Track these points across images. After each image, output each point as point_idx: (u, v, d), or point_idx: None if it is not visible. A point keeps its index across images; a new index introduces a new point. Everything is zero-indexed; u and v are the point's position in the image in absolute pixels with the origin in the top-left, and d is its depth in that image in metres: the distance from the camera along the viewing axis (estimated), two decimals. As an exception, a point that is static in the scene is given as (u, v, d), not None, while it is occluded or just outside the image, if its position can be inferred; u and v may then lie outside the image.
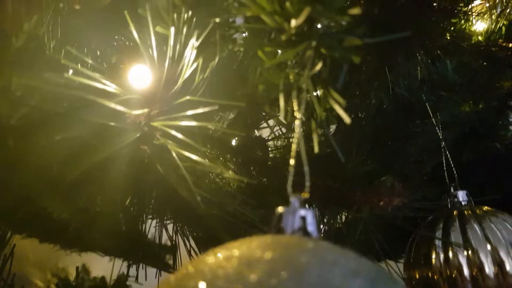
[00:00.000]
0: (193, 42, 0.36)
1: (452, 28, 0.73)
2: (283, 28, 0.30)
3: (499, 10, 0.66)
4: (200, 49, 0.37)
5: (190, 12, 0.37)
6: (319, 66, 0.31)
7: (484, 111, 0.75)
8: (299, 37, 0.30)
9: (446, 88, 0.49)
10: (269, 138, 0.58)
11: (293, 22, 0.28)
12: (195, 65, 0.38)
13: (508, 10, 0.65)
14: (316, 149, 0.29)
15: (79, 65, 0.37)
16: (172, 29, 0.37)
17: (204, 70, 0.38)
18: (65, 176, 0.37)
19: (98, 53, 0.45)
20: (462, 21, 0.73)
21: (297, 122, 0.31)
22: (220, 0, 0.38)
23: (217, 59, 0.36)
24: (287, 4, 0.28)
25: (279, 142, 0.60)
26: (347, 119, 0.31)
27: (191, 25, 0.38)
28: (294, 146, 0.29)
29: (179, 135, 0.37)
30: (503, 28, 0.70)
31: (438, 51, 0.72)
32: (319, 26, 0.29)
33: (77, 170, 0.36)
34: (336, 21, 0.28)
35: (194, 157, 0.37)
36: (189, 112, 0.37)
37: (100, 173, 0.39)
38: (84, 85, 0.36)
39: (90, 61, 0.38)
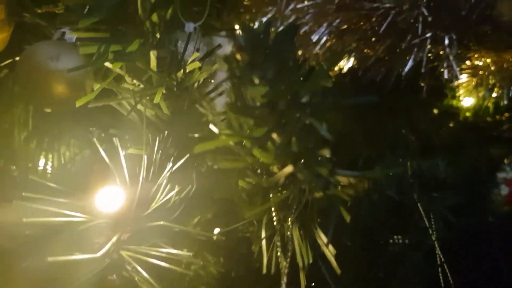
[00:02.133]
0: (169, 167, 0.33)
1: (439, 104, 0.73)
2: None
3: (485, 90, 0.66)
4: (176, 172, 0.34)
5: (166, 132, 0.35)
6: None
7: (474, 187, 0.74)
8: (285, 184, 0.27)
9: (438, 188, 0.47)
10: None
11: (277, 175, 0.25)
12: (170, 186, 0.35)
13: (494, 90, 0.65)
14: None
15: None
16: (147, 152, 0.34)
17: (180, 192, 0.35)
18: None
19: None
20: (450, 97, 0.72)
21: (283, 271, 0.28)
22: (199, 116, 0.35)
23: (194, 185, 0.33)
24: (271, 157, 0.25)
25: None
26: (337, 269, 0.28)
27: (166, 144, 0.35)
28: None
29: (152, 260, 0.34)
30: (490, 106, 0.69)
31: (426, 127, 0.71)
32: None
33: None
34: (318, 173, 0.25)
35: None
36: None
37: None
38: (50, 214, 0.33)
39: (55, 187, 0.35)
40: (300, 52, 0.63)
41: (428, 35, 0.53)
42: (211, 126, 0.28)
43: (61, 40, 0.46)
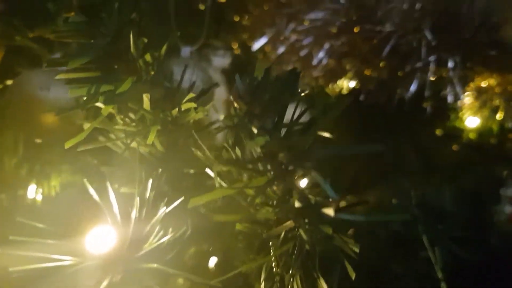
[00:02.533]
0: (163, 208, 0.31)
1: (443, 125, 0.71)
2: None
3: (489, 111, 0.64)
4: (170, 212, 0.32)
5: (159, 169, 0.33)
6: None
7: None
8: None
9: (443, 220, 0.46)
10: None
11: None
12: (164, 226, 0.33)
13: (499, 111, 0.64)
14: None
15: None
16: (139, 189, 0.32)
17: (175, 233, 0.33)
18: None
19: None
20: (453, 118, 0.71)
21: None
22: (192, 155, 0.33)
23: (189, 228, 0.31)
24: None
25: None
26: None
27: (160, 182, 0.33)
28: None
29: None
30: (495, 127, 0.68)
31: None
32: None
33: None
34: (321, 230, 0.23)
35: None
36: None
37: None
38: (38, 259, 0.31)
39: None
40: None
41: (432, 58, 0.51)
42: (207, 170, 0.27)
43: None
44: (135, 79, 0.28)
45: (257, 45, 0.57)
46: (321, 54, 0.53)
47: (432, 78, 0.53)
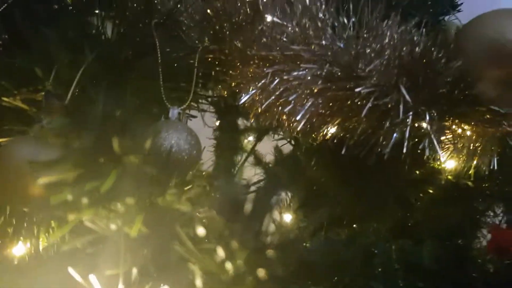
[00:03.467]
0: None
1: (421, 167, 0.73)
2: None
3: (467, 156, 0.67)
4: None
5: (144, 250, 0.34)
6: None
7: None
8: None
9: (423, 278, 0.47)
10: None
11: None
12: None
13: (475, 158, 0.66)
14: None
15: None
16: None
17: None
18: None
19: None
20: (431, 160, 0.73)
21: None
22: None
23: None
24: None
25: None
26: None
27: (146, 262, 0.34)
28: None
29: None
30: (472, 171, 0.70)
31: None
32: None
33: None
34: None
35: None
36: None
37: None
38: None
39: None
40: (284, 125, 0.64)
41: (410, 114, 0.54)
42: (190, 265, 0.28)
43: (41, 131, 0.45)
44: (120, 171, 0.29)
45: (243, 98, 0.59)
46: (303, 110, 0.54)
47: (409, 131, 0.55)
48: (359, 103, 0.53)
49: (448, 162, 0.74)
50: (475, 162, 0.66)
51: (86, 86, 0.52)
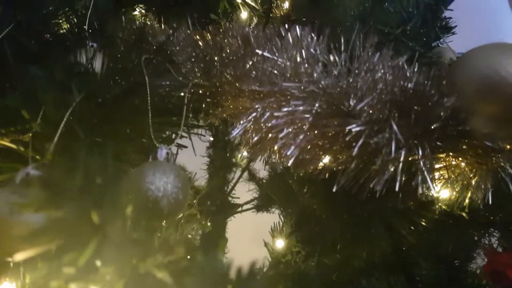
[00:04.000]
0: None
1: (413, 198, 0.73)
2: None
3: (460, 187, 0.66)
4: None
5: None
6: None
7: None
8: None
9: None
10: None
11: None
12: None
13: (470, 189, 0.65)
14: None
15: None
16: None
17: None
18: None
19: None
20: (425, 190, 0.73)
21: None
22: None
23: None
24: None
25: None
26: None
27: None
28: None
29: None
30: (466, 202, 0.69)
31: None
32: None
33: None
34: None
35: None
36: None
37: None
38: None
39: None
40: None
41: (402, 150, 0.53)
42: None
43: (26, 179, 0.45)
44: (100, 239, 0.28)
45: (234, 132, 0.58)
46: (294, 146, 0.54)
47: (401, 166, 0.54)
48: (351, 139, 0.52)
49: (442, 192, 0.74)
50: (469, 194, 0.65)
51: (74, 125, 0.51)
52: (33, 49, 0.61)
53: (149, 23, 0.67)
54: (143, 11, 1.05)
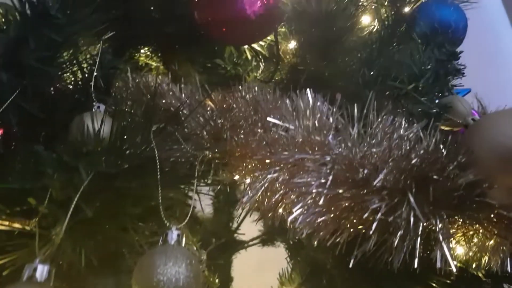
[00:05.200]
0: None
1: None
2: None
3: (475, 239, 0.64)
4: None
5: None
6: None
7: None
8: None
9: None
10: None
11: None
12: None
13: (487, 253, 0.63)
14: None
15: None
16: None
17: None
18: None
19: None
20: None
21: None
22: None
23: None
24: None
25: None
26: None
27: None
28: None
29: None
30: (483, 260, 0.67)
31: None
32: None
33: None
34: None
35: None
36: None
37: None
38: None
39: None
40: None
41: (420, 224, 0.51)
42: None
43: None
44: None
45: (245, 198, 0.56)
46: (307, 219, 0.52)
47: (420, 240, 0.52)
48: (367, 215, 0.50)
49: (459, 250, 0.72)
50: (486, 258, 0.63)
51: (82, 205, 0.50)
52: (39, 116, 0.60)
53: (159, 82, 0.66)
54: (148, 53, 1.05)
